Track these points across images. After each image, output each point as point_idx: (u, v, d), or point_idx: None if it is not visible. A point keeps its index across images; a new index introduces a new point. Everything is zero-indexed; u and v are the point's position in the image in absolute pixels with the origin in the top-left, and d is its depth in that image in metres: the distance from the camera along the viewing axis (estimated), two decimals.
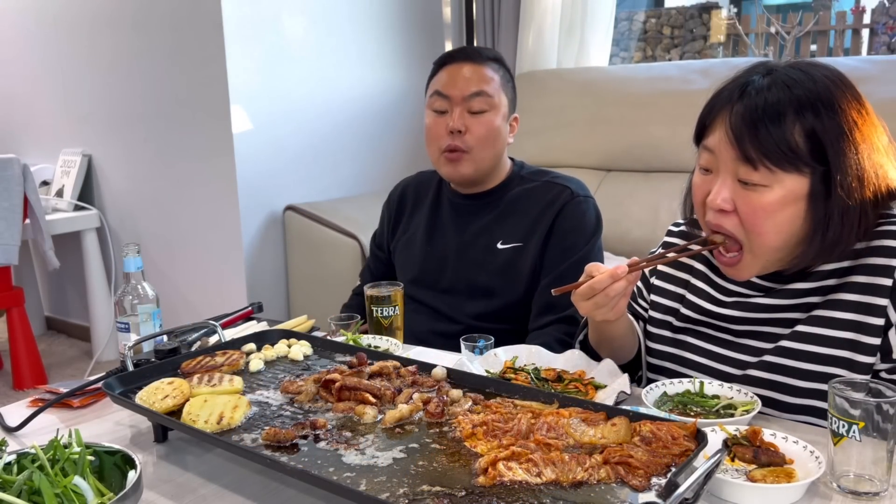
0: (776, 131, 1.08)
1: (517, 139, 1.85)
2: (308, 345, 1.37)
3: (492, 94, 1.72)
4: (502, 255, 1.73)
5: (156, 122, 3.29)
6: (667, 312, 1.34)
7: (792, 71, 1.13)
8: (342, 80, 3.33)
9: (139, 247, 1.47)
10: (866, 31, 5.16)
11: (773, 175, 1.09)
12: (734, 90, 1.14)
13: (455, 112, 1.72)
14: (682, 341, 1.31)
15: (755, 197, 1.11)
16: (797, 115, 1.08)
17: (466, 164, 1.73)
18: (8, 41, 3.89)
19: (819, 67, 1.14)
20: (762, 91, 1.11)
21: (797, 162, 1.08)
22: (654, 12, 6.31)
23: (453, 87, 1.72)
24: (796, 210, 1.11)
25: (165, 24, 3.11)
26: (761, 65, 1.16)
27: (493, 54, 1.78)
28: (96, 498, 0.88)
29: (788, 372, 1.17)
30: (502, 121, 1.75)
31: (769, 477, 0.94)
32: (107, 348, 3.59)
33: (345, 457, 0.95)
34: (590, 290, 1.15)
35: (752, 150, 1.09)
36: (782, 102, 1.09)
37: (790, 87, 1.10)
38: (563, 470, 0.88)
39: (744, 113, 1.10)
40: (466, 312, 1.75)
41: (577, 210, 1.71)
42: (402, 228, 1.92)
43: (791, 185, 1.09)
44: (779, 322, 1.20)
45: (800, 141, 1.08)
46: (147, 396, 1.12)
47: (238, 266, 3.07)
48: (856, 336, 1.13)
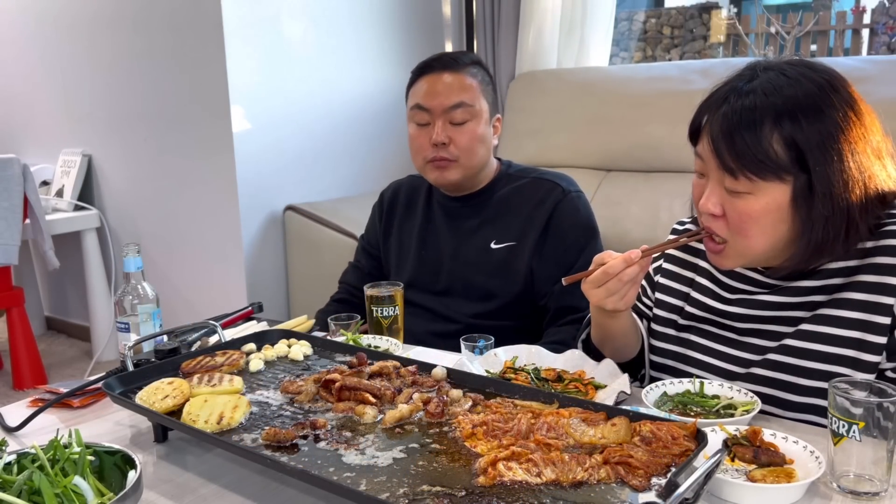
0: (753, 141, 1.07)
1: (518, 140, 1.86)
2: (308, 345, 1.37)
3: (472, 102, 1.71)
4: (496, 254, 1.73)
5: (156, 122, 3.29)
6: (671, 310, 1.34)
7: (777, 76, 1.11)
8: (342, 80, 3.33)
9: (139, 247, 1.47)
10: (866, 31, 5.16)
11: (754, 183, 1.09)
12: (720, 96, 1.14)
13: (437, 124, 1.71)
14: (686, 339, 1.31)
15: (740, 203, 1.11)
16: (775, 124, 1.07)
17: (454, 171, 1.73)
18: (8, 41, 3.89)
19: (811, 69, 1.13)
20: (741, 96, 1.11)
21: (777, 171, 1.08)
22: (654, 12, 6.31)
23: (433, 99, 1.71)
24: (780, 215, 1.11)
25: (165, 25, 3.11)
26: (753, 66, 1.15)
27: (470, 58, 1.76)
28: (96, 498, 0.88)
29: (793, 370, 1.17)
30: (485, 127, 1.74)
31: (769, 477, 0.94)
32: (107, 348, 3.59)
33: (345, 457, 0.95)
34: (603, 275, 1.16)
35: (730, 160, 1.09)
36: (759, 110, 1.08)
37: (768, 94, 1.09)
38: (563, 470, 0.88)
39: (721, 122, 1.11)
40: (464, 312, 1.75)
41: (571, 206, 1.72)
42: (394, 231, 1.91)
43: (773, 193, 1.09)
44: (783, 320, 1.20)
45: (779, 150, 1.08)
46: (147, 396, 1.12)
47: (238, 266, 3.07)
48: (862, 335, 1.13)
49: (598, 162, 3.09)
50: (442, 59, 1.75)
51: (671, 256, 1.37)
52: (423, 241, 1.84)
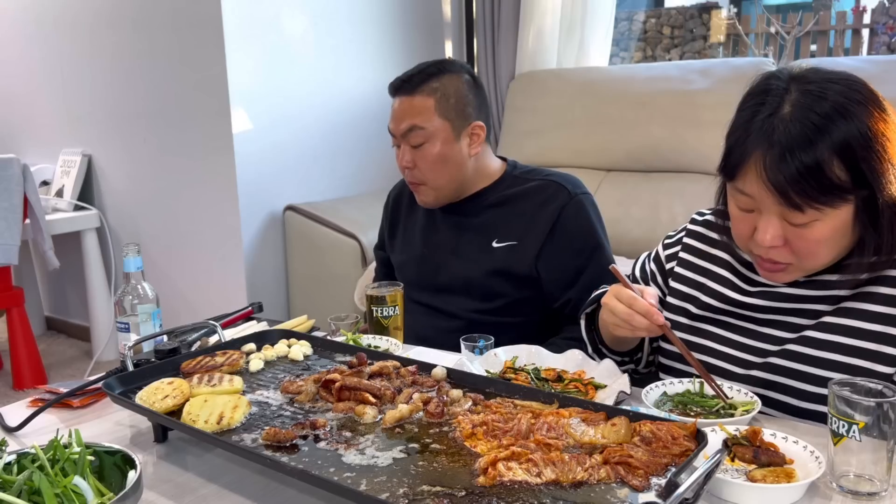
0: (816, 173, 1.04)
1: (518, 140, 1.85)
2: (308, 345, 1.37)
3: (424, 124, 1.70)
4: (497, 253, 1.73)
5: (156, 122, 3.29)
6: (685, 299, 1.33)
7: (803, 94, 1.08)
8: (342, 80, 3.33)
9: (139, 247, 1.47)
10: (866, 31, 5.17)
11: (821, 211, 1.07)
12: (759, 127, 1.08)
13: (402, 149, 1.74)
14: (700, 329, 1.30)
15: (807, 233, 1.09)
16: (830, 149, 1.04)
17: (425, 192, 1.77)
18: (8, 41, 3.89)
19: (829, 83, 1.09)
20: (786, 125, 1.06)
21: (842, 194, 1.06)
22: (654, 12, 6.32)
23: (392, 124, 1.75)
24: (845, 231, 1.10)
25: (166, 25, 3.12)
26: (772, 87, 1.11)
27: (422, 77, 1.73)
28: (96, 498, 0.88)
29: (811, 361, 1.17)
30: (445, 145, 1.71)
31: (769, 477, 0.94)
32: (107, 348, 3.59)
33: (345, 457, 0.95)
34: (626, 321, 1.19)
35: (795, 196, 1.06)
36: (810, 136, 1.04)
37: (809, 116, 1.05)
38: (563, 470, 0.88)
39: (778, 161, 1.05)
40: (466, 308, 1.75)
41: (577, 210, 1.70)
42: (399, 229, 1.92)
43: (839, 214, 1.08)
44: (805, 313, 1.20)
45: (840, 174, 1.05)
46: (147, 396, 1.12)
47: (238, 266, 3.07)
48: (885, 328, 1.13)
49: (598, 162, 3.09)
50: (395, 83, 1.76)
51: (689, 246, 1.36)
52: (426, 238, 1.84)
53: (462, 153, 1.74)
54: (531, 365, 1.33)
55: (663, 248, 1.41)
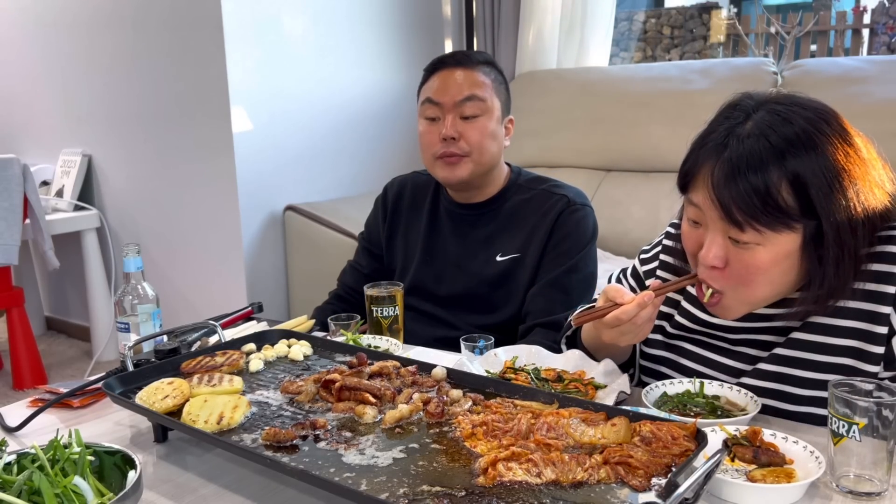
0: (761, 192, 1.03)
1: (518, 140, 1.84)
2: (308, 345, 1.37)
3: (484, 97, 1.70)
4: (501, 267, 1.72)
5: (156, 123, 3.29)
6: (661, 317, 1.32)
7: (768, 115, 1.07)
8: (342, 80, 3.33)
9: (139, 247, 1.47)
10: (866, 31, 5.17)
11: (763, 235, 1.05)
12: (716, 141, 1.08)
13: (447, 119, 1.69)
14: (677, 346, 1.30)
15: (747, 255, 1.07)
16: (781, 172, 1.03)
17: (463, 167, 1.70)
18: (8, 41, 3.89)
19: (799, 108, 1.08)
20: (740, 141, 1.05)
21: (787, 221, 1.04)
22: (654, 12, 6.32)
23: (444, 94, 1.70)
24: (790, 264, 1.08)
25: (165, 24, 3.11)
26: (740, 105, 1.11)
27: (483, 57, 1.76)
28: (96, 498, 0.88)
29: (785, 380, 1.16)
30: (497, 124, 1.72)
31: (769, 477, 0.94)
32: (107, 348, 3.59)
33: (345, 457, 0.95)
34: (616, 320, 1.14)
35: (737, 213, 1.05)
36: (762, 155, 1.03)
37: (768, 136, 1.04)
38: (563, 470, 0.88)
39: (725, 170, 1.05)
40: (468, 322, 1.74)
41: (572, 218, 1.69)
42: (400, 231, 1.88)
43: (783, 242, 1.06)
44: (774, 330, 1.19)
45: (788, 198, 1.04)
46: (147, 396, 1.12)
47: (238, 266, 3.07)
48: (859, 344, 1.11)
49: (598, 162, 3.09)
50: (455, 56, 1.76)
51: (666, 264, 1.35)
52: (428, 247, 1.81)
53: (502, 139, 1.76)
54: (531, 365, 1.33)
55: (640, 264, 1.40)
